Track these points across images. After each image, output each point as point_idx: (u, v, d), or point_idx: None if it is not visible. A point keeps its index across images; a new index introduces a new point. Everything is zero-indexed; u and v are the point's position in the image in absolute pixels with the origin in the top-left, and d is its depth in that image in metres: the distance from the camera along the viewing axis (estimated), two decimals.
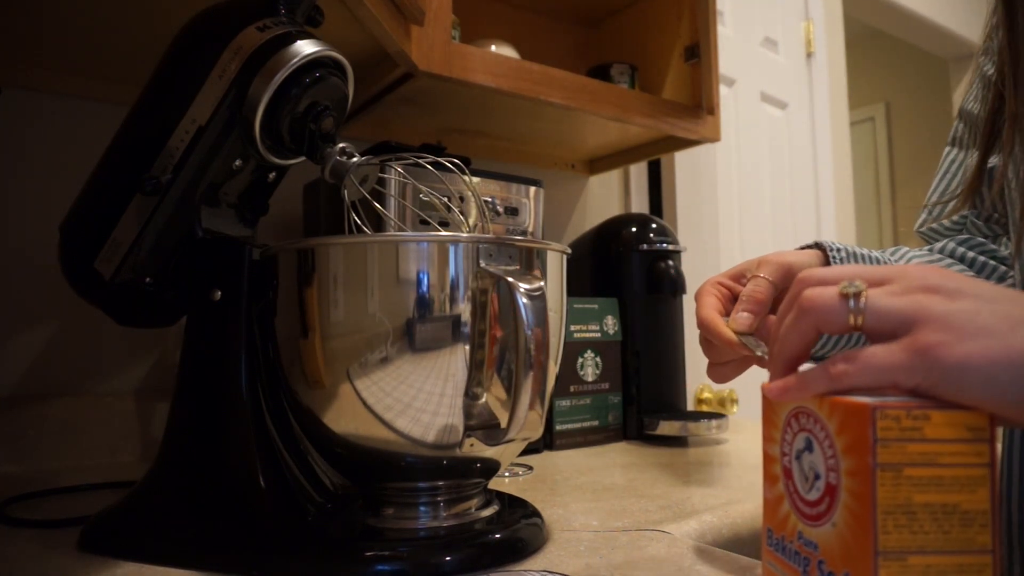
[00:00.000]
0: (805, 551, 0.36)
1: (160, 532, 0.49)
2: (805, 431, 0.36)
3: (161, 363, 0.92)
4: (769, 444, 0.40)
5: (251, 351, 0.50)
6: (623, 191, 1.51)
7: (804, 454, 0.36)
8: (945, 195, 0.71)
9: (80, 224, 0.55)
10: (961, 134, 0.71)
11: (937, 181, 0.73)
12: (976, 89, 0.68)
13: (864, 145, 4.05)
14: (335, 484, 0.54)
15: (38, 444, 0.80)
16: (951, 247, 0.69)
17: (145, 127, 0.53)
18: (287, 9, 0.53)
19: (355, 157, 0.52)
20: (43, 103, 0.86)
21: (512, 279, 0.43)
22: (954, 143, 0.72)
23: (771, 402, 0.40)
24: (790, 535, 0.37)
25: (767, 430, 0.40)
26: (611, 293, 1.02)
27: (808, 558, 0.36)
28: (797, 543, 0.37)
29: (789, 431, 0.38)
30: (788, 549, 0.38)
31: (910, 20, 2.61)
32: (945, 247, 0.69)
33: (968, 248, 0.67)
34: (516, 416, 0.43)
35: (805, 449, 0.36)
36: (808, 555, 0.36)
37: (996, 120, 0.59)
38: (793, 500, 0.37)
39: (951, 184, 0.71)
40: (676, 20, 1.17)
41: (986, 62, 0.66)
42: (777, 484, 0.39)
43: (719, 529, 0.57)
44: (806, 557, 0.36)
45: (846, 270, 0.37)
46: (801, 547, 0.36)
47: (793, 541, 0.37)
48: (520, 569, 0.46)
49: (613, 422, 0.98)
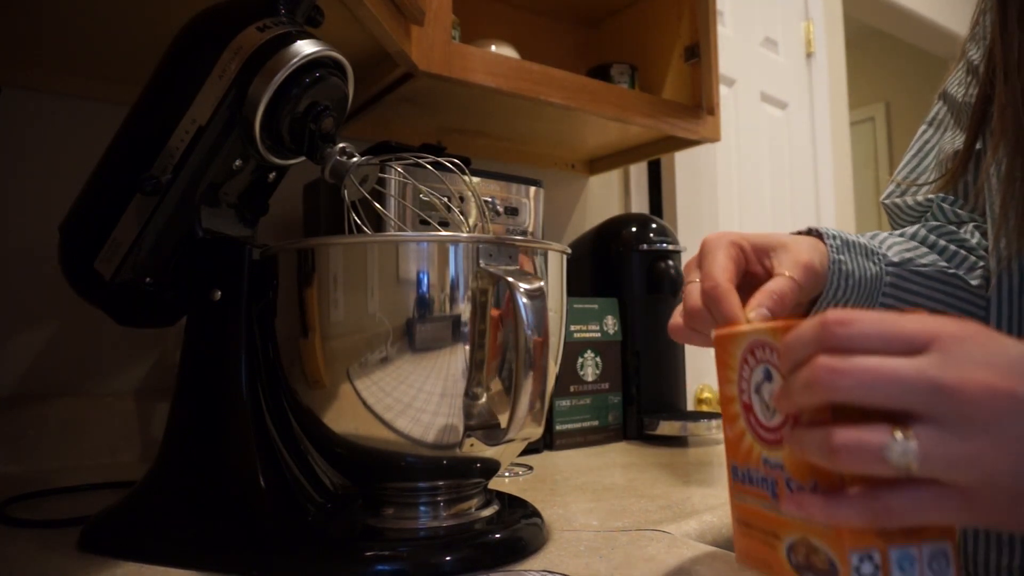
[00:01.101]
0: (772, 473, 0.37)
1: (160, 532, 0.49)
2: (763, 362, 0.37)
3: (161, 363, 0.92)
4: (727, 385, 0.41)
5: (251, 351, 0.50)
6: (623, 191, 1.51)
7: (764, 384, 0.37)
8: (915, 173, 0.72)
9: (80, 224, 0.55)
10: (942, 116, 0.71)
11: (909, 158, 0.74)
12: (960, 73, 0.68)
13: (864, 145, 4.05)
14: (335, 484, 0.54)
15: (38, 444, 0.80)
16: (923, 234, 0.69)
17: (145, 127, 0.53)
18: (287, 9, 0.53)
19: (355, 157, 0.52)
20: (43, 103, 0.86)
21: (512, 279, 0.43)
22: (931, 124, 0.72)
23: (724, 343, 0.40)
24: (755, 463, 0.38)
25: (723, 372, 0.41)
26: (611, 293, 1.02)
27: (775, 479, 0.37)
28: (763, 468, 0.38)
29: (746, 367, 0.39)
30: (754, 477, 0.39)
31: (910, 20, 2.61)
32: (916, 233, 0.69)
33: (939, 236, 0.67)
34: (516, 416, 0.43)
35: (764, 380, 0.37)
36: (775, 476, 0.37)
37: (985, 109, 0.59)
38: (755, 431, 0.38)
39: (922, 163, 0.72)
40: (676, 20, 1.17)
41: (972, 47, 0.66)
42: (737, 421, 0.40)
43: (719, 529, 0.57)
44: (773, 479, 0.37)
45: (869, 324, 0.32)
46: (767, 471, 0.37)
47: (759, 468, 0.38)
48: (520, 569, 0.46)
49: (613, 422, 0.98)
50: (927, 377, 0.30)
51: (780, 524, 0.37)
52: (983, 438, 0.30)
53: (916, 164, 0.72)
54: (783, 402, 0.34)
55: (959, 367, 0.30)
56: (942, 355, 0.31)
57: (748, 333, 0.39)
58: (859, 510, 0.31)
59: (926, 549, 0.33)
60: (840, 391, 0.31)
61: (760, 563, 0.39)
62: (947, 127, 0.70)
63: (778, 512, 0.36)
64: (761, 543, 0.39)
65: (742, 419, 0.39)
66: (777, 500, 0.36)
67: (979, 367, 0.30)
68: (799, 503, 0.33)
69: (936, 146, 0.71)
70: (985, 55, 0.59)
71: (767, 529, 0.38)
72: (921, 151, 0.72)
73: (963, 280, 0.65)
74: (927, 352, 0.31)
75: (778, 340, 0.35)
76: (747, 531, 0.40)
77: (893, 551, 0.33)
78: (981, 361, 0.31)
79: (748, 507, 0.40)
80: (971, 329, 0.32)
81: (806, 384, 0.32)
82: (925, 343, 0.31)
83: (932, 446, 0.30)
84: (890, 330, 0.32)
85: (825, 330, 0.32)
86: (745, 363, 0.39)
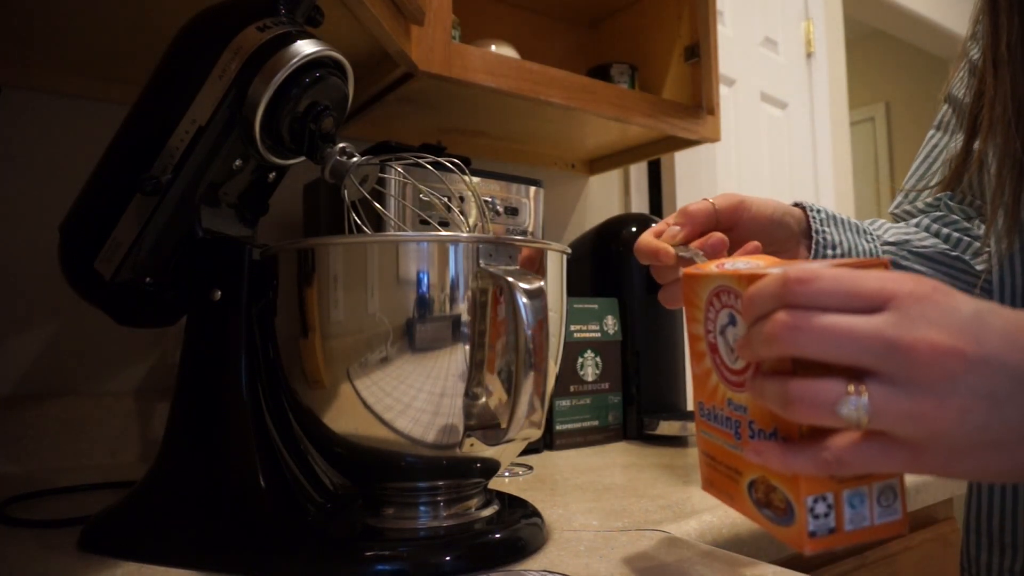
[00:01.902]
0: (735, 415, 0.38)
1: (160, 532, 0.49)
2: (727, 307, 0.39)
3: (161, 363, 0.92)
4: (693, 324, 0.42)
5: (251, 351, 0.50)
6: (623, 191, 1.51)
7: (728, 328, 0.39)
8: (924, 179, 0.72)
9: (80, 224, 0.55)
10: (948, 119, 0.71)
11: (917, 164, 0.74)
12: (963, 75, 0.68)
13: (864, 145, 4.05)
14: (335, 484, 0.54)
15: (38, 444, 0.80)
16: (926, 223, 0.69)
17: (145, 127, 0.53)
18: (287, 9, 0.53)
19: (355, 157, 0.52)
20: (43, 103, 0.86)
21: (512, 279, 0.43)
22: (939, 127, 0.72)
23: (691, 283, 0.42)
24: (720, 404, 0.40)
25: (690, 311, 0.42)
26: (611, 293, 1.02)
27: (739, 421, 0.38)
28: (727, 410, 0.39)
29: (712, 309, 0.40)
30: (720, 416, 0.40)
31: (910, 20, 2.61)
32: (921, 223, 0.69)
33: (943, 225, 0.68)
34: (516, 416, 0.43)
35: (728, 324, 0.39)
36: (738, 418, 0.38)
37: (980, 105, 0.59)
38: (720, 372, 0.39)
39: (931, 167, 0.72)
40: (676, 20, 1.17)
41: (973, 47, 0.66)
42: (704, 360, 0.41)
43: (719, 529, 0.57)
44: (736, 420, 0.38)
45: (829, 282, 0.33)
46: (731, 412, 0.39)
47: (723, 408, 0.39)
48: (520, 569, 0.46)
49: (613, 422, 0.98)
50: (882, 336, 0.31)
51: (742, 463, 0.39)
52: (930, 397, 0.31)
53: (925, 169, 0.72)
54: (745, 351, 0.36)
55: (913, 326, 0.32)
56: (898, 314, 0.32)
57: (714, 276, 0.40)
58: (813, 460, 0.33)
59: (876, 486, 0.35)
60: (798, 346, 0.33)
61: (723, 494, 0.41)
62: (954, 129, 0.70)
63: (740, 452, 0.38)
64: (725, 477, 0.41)
65: (708, 358, 0.41)
66: (740, 441, 0.38)
67: (932, 326, 0.32)
68: (758, 450, 0.35)
69: (944, 149, 0.70)
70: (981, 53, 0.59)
71: (730, 466, 0.40)
72: (930, 156, 0.72)
73: (966, 263, 0.65)
74: (885, 310, 0.32)
75: (742, 288, 0.37)
76: (712, 463, 0.42)
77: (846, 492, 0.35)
78: (935, 320, 0.32)
79: (713, 443, 0.41)
80: (927, 287, 0.33)
81: (766, 338, 0.33)
82: (883, 301, 0.32)
83: (882, 402, 0.31)
84: (850, 288, 0.33)
85: (786, 287, 0.33)
86: (711, 305, 0.40)
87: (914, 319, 0.32)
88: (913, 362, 0.31)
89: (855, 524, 0.35)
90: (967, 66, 0.68)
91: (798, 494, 0.34)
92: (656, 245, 0.51)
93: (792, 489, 0.35)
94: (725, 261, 0.42)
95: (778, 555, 0.60)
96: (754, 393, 0.35)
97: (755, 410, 0.37)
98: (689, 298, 0.42)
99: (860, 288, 0.33)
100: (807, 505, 0.34)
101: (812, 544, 0.34)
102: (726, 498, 0.41)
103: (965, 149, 0.62)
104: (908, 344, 0.31)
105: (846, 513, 0.35)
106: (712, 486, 0.42)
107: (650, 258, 0.51)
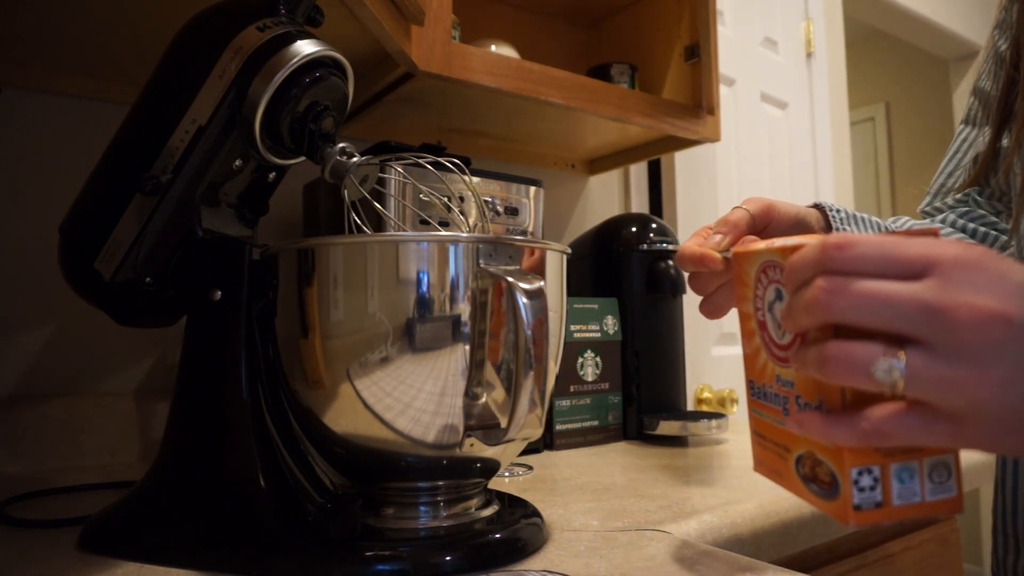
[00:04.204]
0: (783, 391, 0.38)
1: (160, 532, 0.49)
2: (774, 282, 0.38)
3: (161, 363, 0.92)
4: (743, 303, 0.42)
5: (251, 351, 0.50)
6: (623, 191, 1.51)
7: (775, 304, 0.38)
8: (953, 176, 0.71)
9: (80, 224, 0.55)
10: (975, 112, 0.70)
11: (947, 159, 0.73)
12: (989, 65, 0.67)
13: (864, 145, 4.04)
14: (335, 484, 0.54)
15: (38, 444, 0.80)
16: (951, 219, 0.68)
17: (145, 127, 0.53)
18: (287, 9, 0.53)
19: (355, 157, 0.52)
20: (43, 103, 0.86)
21: (512, 279, 0.43)
22: (967, 121, 0.71)
23: (740, 262, 0.42)
24: (769, 381, 0.40)
25: (740, 290, 0.42)
26: (611, 293, 1.02)
27: (786, 396, 0.38)
28: (776, 386, 0.39)
29: (760, 286, 0.40)
30: (769, 393, 0.40)
31: (910, 20, 2.61)
32: (946, 219, 0.69)
33: (968, 220, 0.67)
34: (516, 416, 0.43)
35: (776, 299, 0.38)
36: (786, 394, 0.38)
37: (1009, 97, 0.59)
38: (769, 348, 0.39)
39: (961, 162, 0.71)
40: (676, 20, 1.17)
41: (999, 36, 0.65)
42: (754, 338, 0.41)
43: (719, 529, 0.57)
44: (784, 396, 0.38)
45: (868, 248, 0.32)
46: (779, 388, 0.39)
47: (772, 385, 0.40)
48: (520, 569, 0.46)
49: (613, 422, 0.98)
50: (920, 300, 0.31)
51: (790, 439, 0.38)
52: (971, 364, 0.30)
53: (955, 165, 0.71)
54: (787, 321, 0.36)
55: (956, 292, 0.30)
56: (940, 279, 0.31)
57: (761, 252, 0.40)
58: (851, 429, 0.33)
59: (927, 462, 0.34)
60: (835, 312, 0.32)
61: (772, 473, 0.41)
62: (982, 123, 0.69)
63: (787, 427, 0.38)
64: (774, 455, 0.41)
65: (758, 336, 0.41)
66: (788, 416, 0.38)
67: (978, 292, 0.30)
68: (800, 421, 0.35)
69: (973, 144, 0.70)
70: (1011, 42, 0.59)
71: (779, 443, 0.40)
72: (959, 150, 0.72)
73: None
74: (927, 277, 0.31)
75: (785, 260, 0.36)
76: (762, 442, 0.42)
77: (893, 465, 0.34)
78: (981, 286, 0.31)
79: (763, 421, 0.41)
80: (975, 253, 0.32)
81: (806, 305, 0.33)
82: (925, 267, 0.32)
83: (919, 367, 0.31)
84: (889, 253, 0.32)
85: (824, 253, 0.33)
86: (759, 282, 0.40)
87: (958, 284, 0.31)
88: (953, 327, 0.30)
89: (904, 499, 0.34)
90: (992, 57, 0.66)
91: (842, 466, 0.34)
92: (702, 251, 0.50)
93: (836, 461, 0.34)
94: (775, 240, 0.42)
95: (778, 555, 0.60)
96: (797, 363, 0.35)
97: (801, 383, 0.37)
98: (739, 277, 0.42)
99: (901, 254, 0.32)
100: (851, 477, 0.34)
101: (857, 518, 0.34)
102: (775, 476, 0.41)
103: (993, 141, 0.61)
104: (947, 308, 0.30)
105: (894, 487, 0.34)
106: (762, 465, 0.43)
107: (696, 264, 0.50)
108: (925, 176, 0.75)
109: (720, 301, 0.52)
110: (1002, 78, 0.61)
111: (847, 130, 2.23)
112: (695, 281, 0.53)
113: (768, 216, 0.54)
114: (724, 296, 0.51)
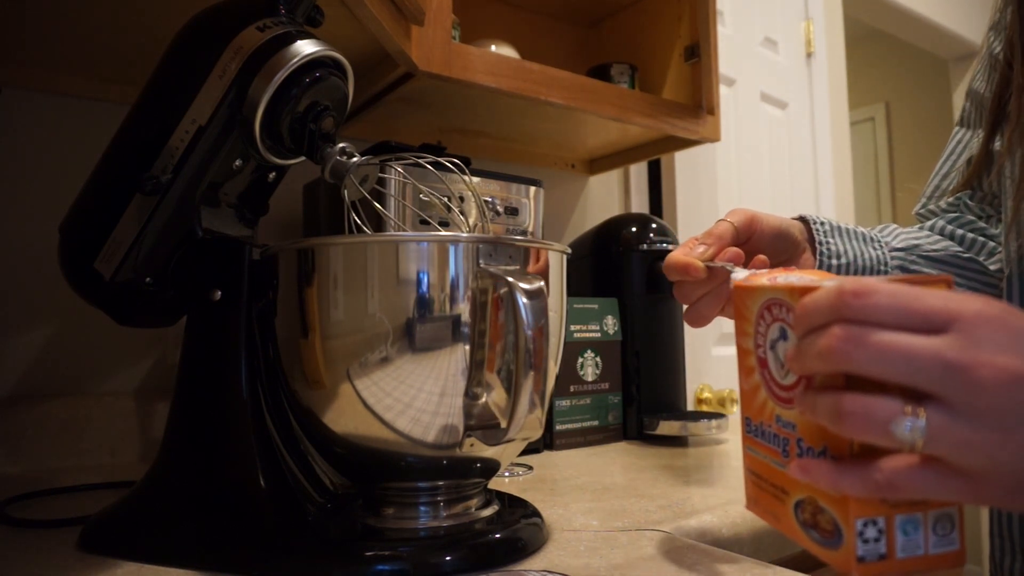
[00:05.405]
0: (784, 432, 0.37)
1: (160, 532, 0.49)
2: (779, 321, 0.37)
3: (161, 363, 0.92)
4: (743, 338, 0.41)
5: (251, 351, 0.50)
6: (623, 191, 1.51)
7: (779, 343, 0.38)
8: (948, 178, 0.71)
9: (80, 224, 0.55)
10: (968, 114, 0.71)
11: (942, 162, 0.73)
12: (984, 67, 0.67)
13: (864, 145, 4.04)
14: (335, 484, 0.54)
15: (38, 444, 0.80)
16: (940, 225, 0.68)
17: (145, 127, 0.53)
18: (287, 9, 0.53)
19: (355, 157, 0.52)
20: (43, 103, 0.86)
21: (512, 279, 0.43)
22: (962, 123, 0.71)
23: (743, 296, 0.41)
24: (768, 420, 0.39)
25: (740, 324, 0.41)
26: (611, 293, 1.02)
27: (787, 438, 0.37)
28: (776, 426, 0.38)
29: (763, 323, 0.39)
30: (767, 433, 0.39)
31: (910, 20, 2.61)
32: (935, 225, 0.69)
33: (957, 226, 0.67)
34: (516, 416, 0.43)
35: (779, 338, 0.37)
36: (787, 436, 0.37)
37: (1002, 98, 0.59)
38: (769, 387, 0.38)
39: (955, 164, 0.71)
40: (676, 20, 1.17)
41: (994, 38, 0.65)
42: (753, 375, 0.40)
43: (719, 529, 0.57)
44: (785, 438, 0.37)
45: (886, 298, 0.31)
46: (779, 429, 0.38)
47: (772, 425, 0.38)
48: (520, 569, 0.46)
49: (613, 422, 0.98)
50: (943, 357, 0.30)
51: (789, 482, 0.37)
52: (992, 425, 0.29)
53: (950, 167, 0.72)
54: (795, 363, 0.35)
55: (977, 350, 0.30)
56: (962, 336, 0.30)
57: (766, 289, 0.39)
58: (863, 481, 0.32)
59: (932, 514, 0.34)
60: (853, 362, 0.31)
61: (767, 514, 0.40)
62: (976, 124, 0.69)
63: (787, 470, 0.37)
64: (771, 496, 0.39)
65: (757, 373, 0.40)
66: (788, 459, 0.37)
67: (1001, 350, 0.30)
68: (805, 469, 0.34)
69: (968, 145, 0.70)
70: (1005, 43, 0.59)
71: (776, 484, 0.39)
72: (954, 152, 0.72)
73: (980, 264, 0.64)
74: (947, 332, 0.31)
75: (794, 301, 0.35)
76: (757, 481, 0.41)
77: (898, 517, 0.33)
78: (1004, 344, 0.30)
79: (759, 460, 0.40)
80: (996, 309, 0.31)
81: (820, 352, 0.32)
82: (946, 321, 0.31)
83: (940, 427, 0.30)
84: (909, 305, 0.31)
85: (841, 299, 0.32)
86: (761, 318, 0.39)
87: (979, 341, 0.30)
88: (975, 387, 0.29)
89: (908, 552, 0.33)
90: (987, 59, 0.66)
91: (847, 516, 0.33)
92: (686, 260, 0.51)
93: (841, 511, 0.33)
94: (777, 275, 0.41)
95: (778, 555, 0.60)
96: (804, 407, 0.34)
97: (804, 427, 0.36)
98: (740, 311, 0.41)
99: (920, 306, 0.31)
100: (856, 528, 0.33)
101: (861, 569, 0.33)
102: (771, 518, 0.40)
103: (986, 143, 0.61)
104: (970, 367, 0.29)
105: (898, 540, 0.33)
106: (756, 505, 0.41)
107: (680, 273, 0.51)
108: (924, 175, 0.75)
109: (703, 310, 0.52)
110: (996, 79, 0.61)
111: (847, 130, 2.23)
112: (679, 290, 0.54)
113: (751, 228, 0.55)
114: (707, 305, 0.52)
